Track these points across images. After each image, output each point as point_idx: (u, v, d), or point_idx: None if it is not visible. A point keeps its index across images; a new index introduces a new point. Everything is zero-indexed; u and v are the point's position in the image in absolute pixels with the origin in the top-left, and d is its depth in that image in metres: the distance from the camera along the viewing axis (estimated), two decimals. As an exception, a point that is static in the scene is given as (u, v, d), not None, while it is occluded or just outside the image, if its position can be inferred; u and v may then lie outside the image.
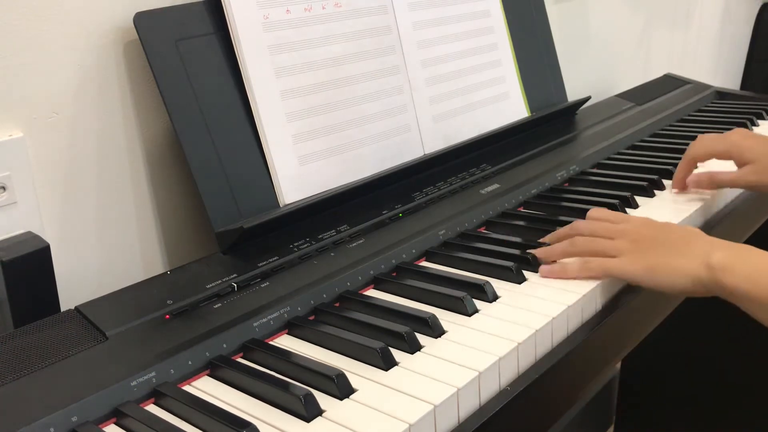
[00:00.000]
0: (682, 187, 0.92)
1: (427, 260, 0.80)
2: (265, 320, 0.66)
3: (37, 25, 0.72)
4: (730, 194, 0.97)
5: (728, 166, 0.91)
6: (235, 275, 0.71)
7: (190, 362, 0.61)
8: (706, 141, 0.89)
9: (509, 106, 1.11)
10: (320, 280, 0.72)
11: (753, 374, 1.46)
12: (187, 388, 0.60)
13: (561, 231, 0.78)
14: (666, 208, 0.91)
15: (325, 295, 0.71)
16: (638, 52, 1.71)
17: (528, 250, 0.77)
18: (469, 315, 0.67)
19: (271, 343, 0.66)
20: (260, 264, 0.73)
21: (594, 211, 0.80)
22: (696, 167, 0.91)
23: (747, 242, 0.76)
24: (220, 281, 0.70)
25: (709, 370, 1.53)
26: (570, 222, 0.84)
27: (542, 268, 0.74)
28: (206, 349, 0.62)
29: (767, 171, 0.82)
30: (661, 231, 0.73)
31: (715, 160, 0.93)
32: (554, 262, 0.75)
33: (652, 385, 1.63)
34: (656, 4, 1.73)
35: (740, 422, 1.50)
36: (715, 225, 0.91)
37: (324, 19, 0.87)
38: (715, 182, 0.84)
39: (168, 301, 0.67)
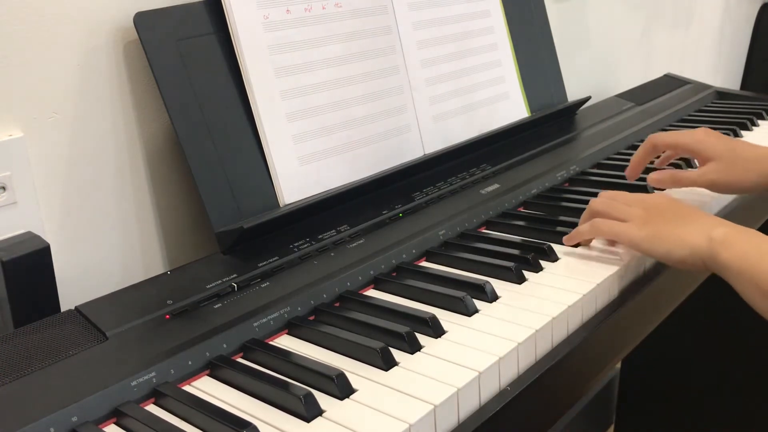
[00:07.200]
0: (636, 175, 0.91)
1: (427, 260, 0.80)
2: (265, 320, 0.66)
3: (37, 24, 0.72)
4: (729, 195, 0.97)
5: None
6: (235, 275, 0.71)
7: (190, 362, 0.61)
8: (670, 132, 0.88)
9: (509, 106, 1.11)
10: (320, 280, 0.72)
11: (753, 374, 1.46)
12: (187, 388, 0.60)
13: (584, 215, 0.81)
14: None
15: (325, 295, 0.71)
16: (638, 52, 1.71)
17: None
18: (469, 315, 0.67)
19: (271, 343, 0.66)
20: (260, 264, 0.73)
21: (608, 192, 0.81)
22: (654, 158, 0.91)
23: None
24: (220, 281, 0.70)
25: (708, 371, 1.53)
26: (571, 222, 0.84)
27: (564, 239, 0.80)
28: (206, 349, 0.62)
29: (728, 170, 0.81)
30: (673, 203, 0.76)
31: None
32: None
33: (652, 385, 1.63)
34: (656, 4, 1.73)
35: (740, 423, 1.50)
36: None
37: (324, 19, 0.87)
38: (677, 181, 0.83)
39: (168, 301, 0.67)
